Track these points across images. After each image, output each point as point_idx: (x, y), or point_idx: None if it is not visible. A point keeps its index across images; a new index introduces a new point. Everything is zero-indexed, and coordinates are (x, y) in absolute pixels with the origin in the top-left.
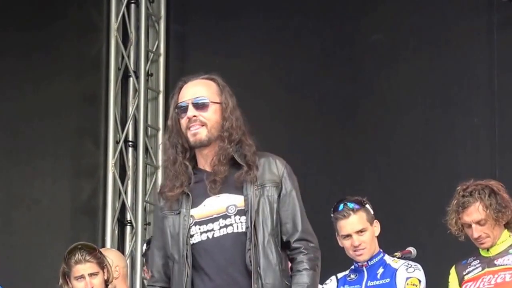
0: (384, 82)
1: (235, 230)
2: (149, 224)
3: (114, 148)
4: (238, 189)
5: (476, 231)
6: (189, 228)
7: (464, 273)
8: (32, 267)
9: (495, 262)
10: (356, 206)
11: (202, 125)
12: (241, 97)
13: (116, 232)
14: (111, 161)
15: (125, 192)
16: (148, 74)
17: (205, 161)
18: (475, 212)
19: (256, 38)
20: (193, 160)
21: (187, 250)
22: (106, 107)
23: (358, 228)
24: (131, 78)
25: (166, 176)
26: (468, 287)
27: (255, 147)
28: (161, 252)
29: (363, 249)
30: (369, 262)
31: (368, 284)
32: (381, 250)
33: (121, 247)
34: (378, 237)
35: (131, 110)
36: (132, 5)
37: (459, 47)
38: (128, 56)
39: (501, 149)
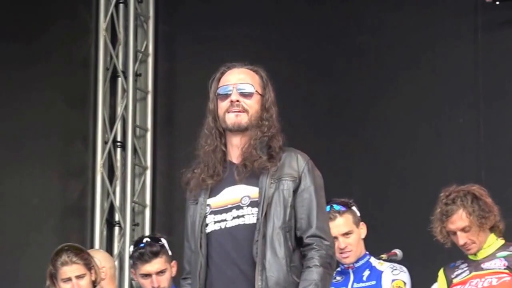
0: (371, 83)
1: (247, 222)
2: (137, 225)
3: (103, 149)
4: (255, 181)
5: (461, 238)
6: (205, 217)
7: (452, 276)
8: (21, 267)
9: (482, 266)
10: (343, 209)
11: (244, 111)
12: None
13: (105, 232)
14: (99, 162)
15: (114, 193)
16: (136, 74)
17: (233, 152)
18: (459, 219)
19: (244, 39)
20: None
21: (201, 239)
22: (95, 107)
23: (344, 231)
24: (119, 78)
25: (198, 163)
26: None
27: (283, 143)
28: (189, 243)
29: (349, 251)
30: (355, 264)
31: (354, 286)
32: (367, 253)
33: (109, 248)
34: (365, 239)
35: (119, 110)
36: (121, 5)
37: (444, 48)
38: (117, 56)
39: (486, 149)
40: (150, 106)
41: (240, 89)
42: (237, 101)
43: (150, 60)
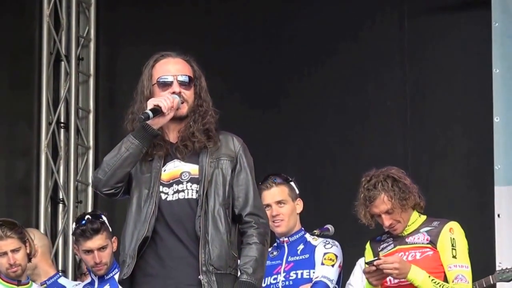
0: (305, 69)
1: (186, 196)
2: (80, 202)
3: (47, 129)
4: (195, 159)
5: (386, 220)
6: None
7: (379, 249)
8: None
9: (407, 240)
10: (279, 180)
11: (184, 101)
12: None
13: (49, 210)
14: (44, 142)
15: (58, 172)
16: (79, 58)
17: (171, 134)
18: (382, 204)
19: (184, 25)
20: None
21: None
22: (39, 90)
23: (277, 199)
24: (62, 62)
25: None
26: None
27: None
28: None
29: (281, 220)
30: (290, 238)
31: (288, 260)
32: (302, 228)
33: (53, 225)
34: (301, 217)
35: (63, 92)
36: None
37: (373, 35)
38: (60, 41)
39: (412, 130)
40: (92, 88)
41: (180, 80)
42: (179, 92)
43: (92, 45)
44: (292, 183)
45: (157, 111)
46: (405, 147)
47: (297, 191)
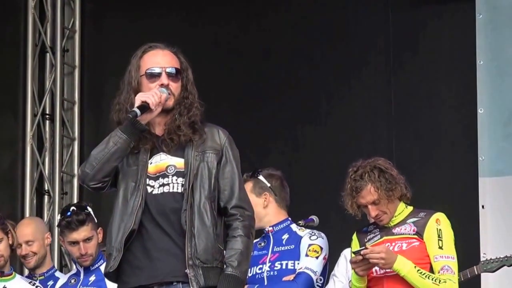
0: (290, 58)
1: (171, 190)
2: (66, 193)
3: (32, 121)
4: (180, 153)
5: (372, 211)
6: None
7: (365, 240)
8: None
9: (393, 231)
10: (246, 176)
11: (171, 94)
12: None
13: (35, 201)
14: (29, 133)
15: (43, 163)
16: (64, 50)
17: (156, 127)
18: (368, 194)
19: (169, 18)
20: None
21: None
22: (24, 81)
23: None
24: (48, 54)
25: None
26: None
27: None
28: None
29: None
30: (274, 228)
31: (274, 250)
32: (289, 218)
33: (39, 216)
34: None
35: (48, 84)
36: None
37: (358, 27)
38: (45, 33)
39: (397, 121)
40: (77, 80)
41: (169, 72)
42: (168, 84)
43: (77, 37)
44: (260, 177)
45: (145, 107)
46: (390, 136)
47: (267, 184)
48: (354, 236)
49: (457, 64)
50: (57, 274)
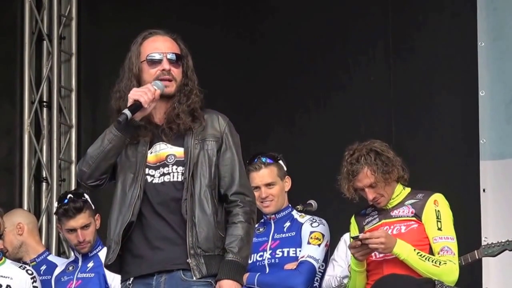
0: (285, 43)
1: (172, 179)
2: (63, 180)
3: (30, 108)
4: (180, 142)
5: (370, 194)
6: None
7: (364, 223)
8: None
9: (391, 213)
10: (269, 160)
11: (172, 80)
12: None
13: (33, 188)
14: (26, 121)
15: (41, 150)
16: (61, 38)
17: (156, 114)
18: (365, 177)
19: (166, 5)
20: None
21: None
22: (21, 69)
23: (267, 181)
24: (44, 42)
25: None
26: None
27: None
28: None
29: (270, 201)
30: (276, 215)
31: (274, 237)
32: (290, 205)
33: (37, 203)
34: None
35: (45, 72)
36: None
37: (357, 12)
38: (42, 21)
39: (396, 103)
40: (74, 67)
41: (170, 58)
42: (169, 69)
43: (74, 24)
44: (280, 162)
45: (137, 106)
46: (389, 120)
47: (285, 168)
48: (353, 219)
49: (458, 46)
50: (51, 258)
